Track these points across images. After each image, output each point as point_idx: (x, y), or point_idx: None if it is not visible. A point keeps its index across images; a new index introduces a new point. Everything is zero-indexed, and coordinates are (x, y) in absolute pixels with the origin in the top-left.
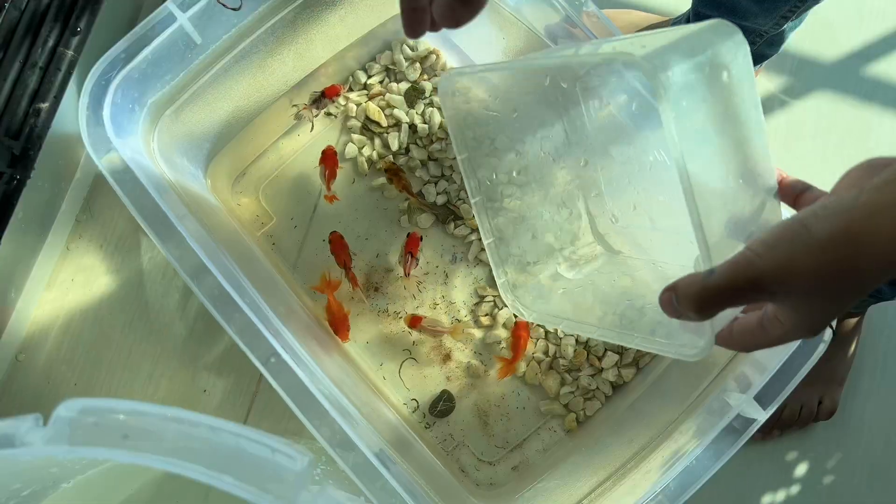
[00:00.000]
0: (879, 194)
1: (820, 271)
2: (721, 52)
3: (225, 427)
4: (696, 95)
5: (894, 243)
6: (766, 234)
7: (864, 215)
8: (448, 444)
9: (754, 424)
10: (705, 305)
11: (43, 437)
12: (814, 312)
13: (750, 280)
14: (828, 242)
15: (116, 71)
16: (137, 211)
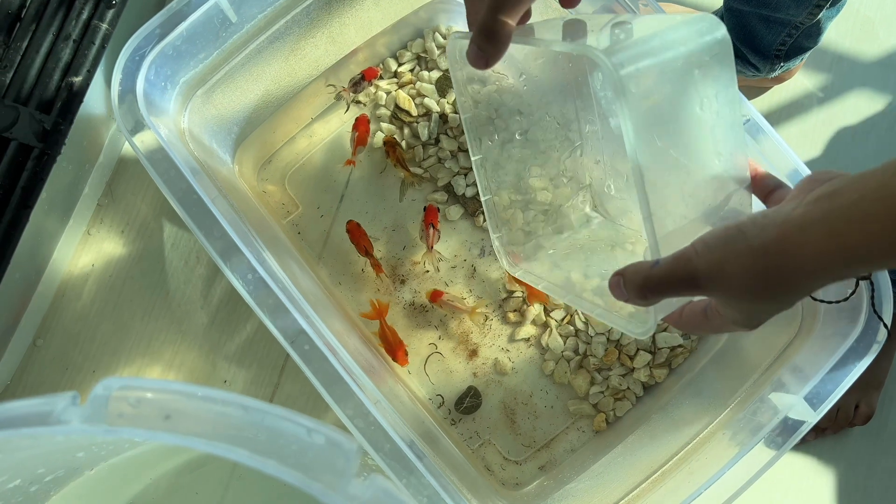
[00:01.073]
0: (811, 208)
1: (749, 276)
2: (697, 49)
3: (272, 411)
4: (662, 91)
5: (818, 256)
6: (709, 234)
7: (795, 228)
8: (473, 442)
9: (804, 426)
10: (647, 293)
11: (80, 416)
12: (747, 311)
13: (687, 275)
14: (759, 249)
15: (151, 46)
16: (170, 191)
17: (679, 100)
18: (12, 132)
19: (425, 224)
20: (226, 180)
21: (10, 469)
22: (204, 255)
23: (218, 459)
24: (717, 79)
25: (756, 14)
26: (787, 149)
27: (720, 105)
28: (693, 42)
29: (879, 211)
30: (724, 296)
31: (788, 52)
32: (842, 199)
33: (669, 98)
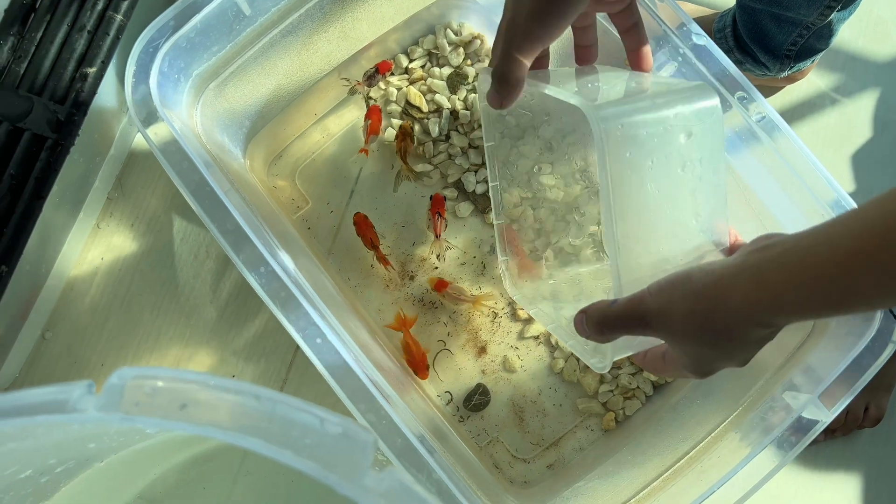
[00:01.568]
0: (746, 258)
1: (690, 317)
2: (687, 114)
3: (289, 402)
4: (643, 150)
5: (748, 302)
6: (663, 278)
7: (730, 275)
8: (482, 439)
9: (817, 427)
10: (604, 329)
11: (96, 405)
12: (692, 355)
13: (638, 315)
14: (700, 293)
15: (165, 38)
16: (183, 183)
17: (660, 159)
18: (26, 122)
19: (432, 213)
20: (237, 174)
21: (21, 459)
22: (213, 250)
23: (226, 454)
24: (704, 146)
25: (767, 12)
26: (803, 146)
27: (703, 170)
28: (683, 107)
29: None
30: (670, 337)
31: (800, 52)
32: (772, 252)
33: (650, 156)
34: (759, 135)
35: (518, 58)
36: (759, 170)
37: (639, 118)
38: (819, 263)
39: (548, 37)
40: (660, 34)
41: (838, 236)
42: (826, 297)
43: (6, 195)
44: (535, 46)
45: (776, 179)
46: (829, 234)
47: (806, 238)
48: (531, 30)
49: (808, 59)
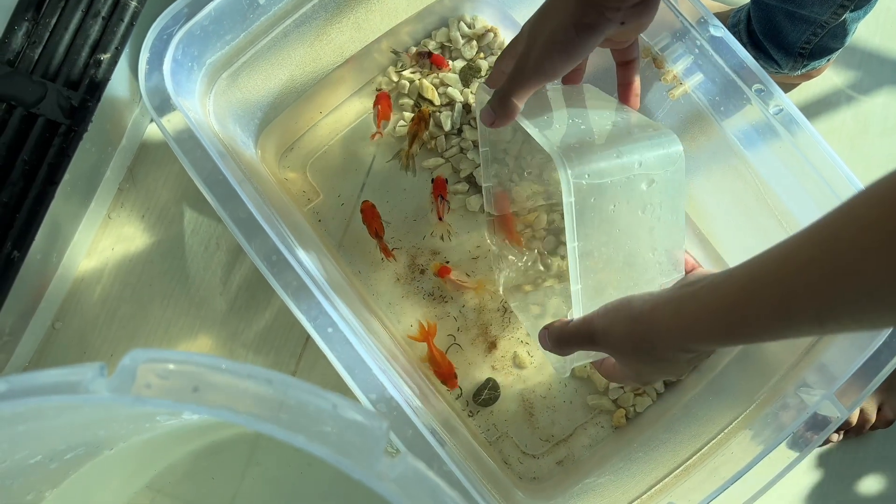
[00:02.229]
0: (673, 291)
1: (628, 338)
2: (651, 163)
3: (302, 386)
4: (606, 196)
5: (669, 328)
6: (611, 302)
7: (661, 303)
8: (491, 434)
9: (831, 425)
10: (561, 344)
11: (108, 386)
12: (632, 368)
13: (587, 334)
14: (636, 318)
15: (179, 26)
16: (195, 171)
17: (622, 204)
18: (40, 108)
19: (434, 196)
20: (248, 165)
21: (31, 443)
22: (224, 242)
23: (236, 445)
24: (665, 191)
25: (781, 9)
26: (822, 141)
27: (663, 211)
28: (648, 155)
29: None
30: (613, 352)
31: (814, 51)
32: (693, 288)
33: (613, 201)
34: (776, 128)
35: (521, 91)
36: (776, 164)
37: (604, 168)
38: (721, 299)
39: (555, 75)
40: (677, 27)
41: (738, 275)
42: (725, 329)
43: (19, 180)
44: (540, 82)
45: (793, 174)
46: (734, 273)
47: (719, 276)
48: (540, 67)
49: (822, 59)
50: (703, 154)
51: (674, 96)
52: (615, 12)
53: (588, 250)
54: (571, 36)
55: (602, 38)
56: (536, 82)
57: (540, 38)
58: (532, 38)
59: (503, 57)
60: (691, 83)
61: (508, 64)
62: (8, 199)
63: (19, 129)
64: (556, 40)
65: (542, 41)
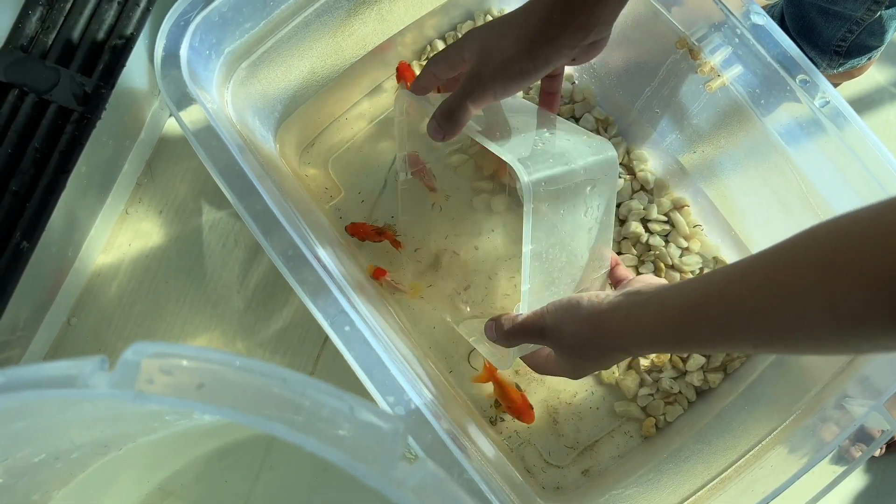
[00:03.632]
0: (622, 298)
1: (576, 337)
2: (593, 168)
3: (317, 386)
4: (558, 201)
5: (618, 331)
6: (561, 300)
7: (608, 308)
8: (513, 442)
9: (880, 438)
10: (510, 336)
11: (108, 381)
12: (570, 363)
13: (537, 328)
14: (586, 318)
15: (197, 12)
16: (211, 162)
17: (569, 208)
18: (52, 94)
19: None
20: (268, 159)
21: (34, 440)
22: (242, 239)
23: (249, 448)
24: (602, 193)
25: (815, 5)
26: (871, 135)
27: (599, 213)
28: (590, 161)
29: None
30: (558, 347)
31: (850, 49)
32: (641, 297)
33: (562, 206)
34: (822, 122)
35: (470, 106)
36: (821, 161)
37: (557, 175)
38: (669, 312)
39: (503, 97)
40: (715, 15)
41: (688, 290)
42: (670, 340)
43: (30, 168)
44: (488, 100)
45: (840, 171)
46: (683, 287)
47: (668, 289)
48: (490, 86)
49: (862, 56)
50: (741, 150)
51: (711, 89)
52: (570, 49)
53: (538, 252)
54: (527, 66)
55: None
56: (484, 102)
57: (492, 61)
58: (482, 58)
59: (437, 62)
60: (730, 75)
61: (443, 70)
62: (18, 187)
63: (31, 116)
64: (511, 68)
65: (495, 64)
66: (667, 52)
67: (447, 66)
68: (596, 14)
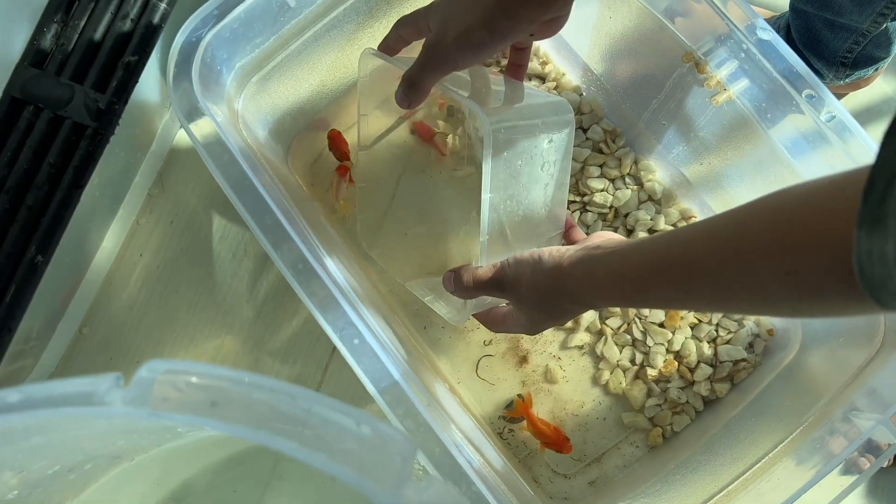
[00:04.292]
0: (581, 252)
1: (536, 289)
2: (550, 124)
3: (325, 402)
4: (516, 151)
5: (576, 286)
6: (521, 254)
7: (569, 262)
8: (521, 451)
9: (889, 450)
10: (468, 288)
11: (123, 398)
12: (531, 317)
13: (497, 280)
14: (547, 272)
15: (208, 28)
16: (222, 175)
17: (527, 159)
18: (67, 110)
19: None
20: (278, 171)
21: (50, 453)
22: (252, 249)
23: (259, 457)
24: (559, 150)
25: (820, 17)
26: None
27: (556, 170)
28: (548, 118)
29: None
30: (516, 301)
31: (857, 60)
32: (599, 252)
33: (520, 156)
34: (828, 136)
35: (431, 78)
36: (827, 174)
37: (517, 125)
38: (630, 268)
39: (462, 67)
40: (721, 30)
41: (648, 248)
42: (631, 295)
43: (45, 184)
44: (448, 70)
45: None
46: (643, 244)
47: (629, 246)
48: (450, 58)
49: (868, 68)
50: (748, 163)
51: (717, 102)
52: (529, 24)
53: (495, 204)
54: (484, 39)
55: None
56: (444, 72)
57: (451, 31)
58: (443, 28)
59: (405, 24)
60: (736, 89)
61: (409, 33)
62: (33, 202)
63: (46, 132)
64: (468, 39)
65: (453, 36)
66: (673, 65)
67: (413, 30)
68: None
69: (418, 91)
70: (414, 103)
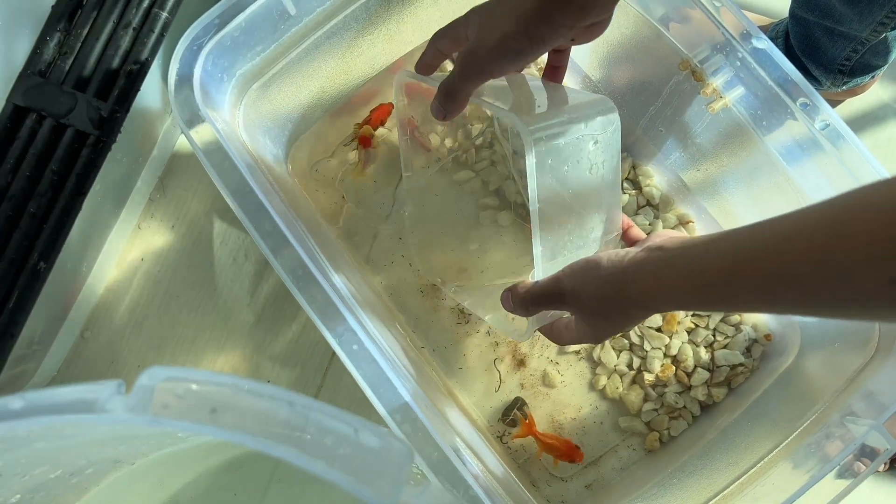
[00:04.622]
0: (646, 254)
1: (598, 297)
2: (595, 125)
3: (323, 410)
4: (561, 157)
5: (643, 291)
6: (577, 262)
7: (632, 266)
8: (519, 455)
9: (882, 456)
10: (528, 304)
11: (124, 405)
12: (594, 326)
13: (556, 293)
14: (607, 279)
15: (209, 36)
16: (222, 182)
17: (573, 164)
18: (69, 119)
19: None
20: (278, 177)
21: (52, 458)
22: (252, 253)
23: (258, 460)
24: (606, 151)
25: (820, 25)
26: (871, 157)
27: (605, 171)
28: (592, 119)
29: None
30: (579, 311)
31: (855, 68)
32: (663, 255)
33: (566, 162)
34: (822, 144)
35: (468, 87)
36: (821, 181)
37: (559, 130)
38: (702, 272)
39: (501, 75)
40: (718, 38)
41: (718, 249)
42: (703, 299)
43: (47, 191)
44: (485, 78)
45: (839, 191)
46: (712, 248)
47: (696, 248)
48: (487, 66)
49: (865, 75)
50: (744, 170)
51: (713, 110)
52: (569, 30)
53: (546, 214)
54: (524, 45)
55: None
56: (482, 80)
57: (490, 39)
58: (482, 36)
59: (442, 36)
60: (732, 97)
61: (447, 46)
62: (35, 209)
63: (48, 140)
64: (508, 47)
65: (491, 43)
66: (670, 73)
67: (451, 42)
68: None
69: (455, 101)
70: (451, 114)
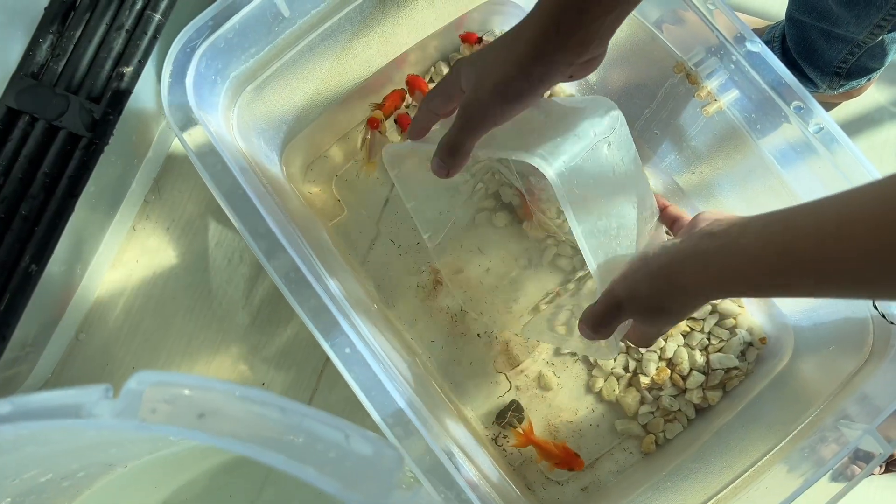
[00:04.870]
0: (693, 243)
1: (652, 297)
2: (602, 128)
3: (312, 414)
4: (584, 175)
5: (695, 281)
6: (625, 268)
7: (679, 258)
8: (514, 459)
9: (876, 459)
10: (596, 327)
11: (112, 410)
12: (656, 323)
13: (614, 304)
14: (656, 274)
15: (203, 38)
16: (215, 185)
17: (596, 175)
18: (62, 121)
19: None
20: (272, 180)
21: (42, 462)
22: (247, 255)
23: (253, 463)
24: (621, 148)
25: (817, 27)
26: (865, 160)
27: (626, 166)
28: (597, 126)
29: (739, 259)
30: (638, 314)
31: (851, 70)
32: (713, 243)
33: (591, 177)
34: (816, 147)
35: (472, 139)
36: (815, 184)
37: (573, 150)
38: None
39: (503, 120)
40: (712, 42)
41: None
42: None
43: (39, 193)
44: (488, 127)
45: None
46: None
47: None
48: (490, 114)
49: (862, 78)
50: (738, 172)
51: (708, 113)
52: (567, 66)
53: (590, 230)
54: (524, 87)
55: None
56: (485, 130)
57: (487, 85)
58: (479, 85)
59: (433, 96)
60: (726, 100)
61: (440, 105)
62: (27, 212)
63: (41, 142)
64: (508, 91)
65: (489, 90)
66: (665, 75)
67: (444, 100)
68: (592, 31)
69: (458, 156)
70: (454, 170)
